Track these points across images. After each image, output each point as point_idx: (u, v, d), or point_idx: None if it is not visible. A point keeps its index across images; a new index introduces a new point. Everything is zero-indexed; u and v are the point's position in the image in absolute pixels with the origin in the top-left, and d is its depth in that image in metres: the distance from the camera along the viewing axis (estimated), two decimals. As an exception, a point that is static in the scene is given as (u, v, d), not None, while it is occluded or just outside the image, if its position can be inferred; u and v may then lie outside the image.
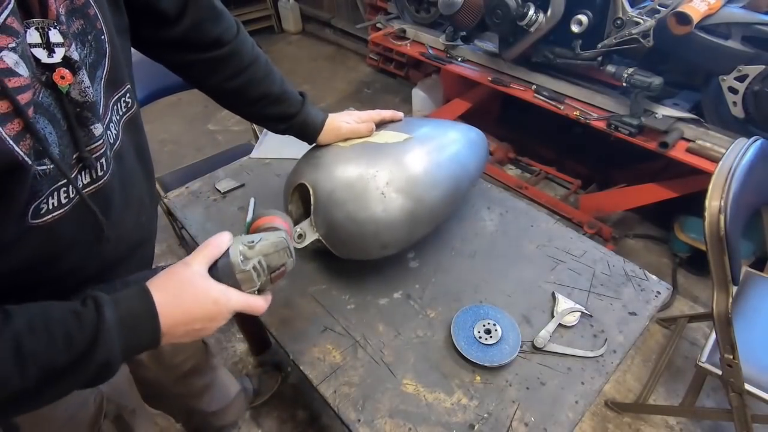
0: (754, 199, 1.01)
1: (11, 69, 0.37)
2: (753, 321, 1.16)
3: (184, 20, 0.63)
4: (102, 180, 0.51)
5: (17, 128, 0.37)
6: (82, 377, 0.42)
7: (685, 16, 1.28)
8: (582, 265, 0.88)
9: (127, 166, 0.56)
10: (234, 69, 0.71)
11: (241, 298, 0.54)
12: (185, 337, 0.50)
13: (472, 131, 0.94)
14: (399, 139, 0.81)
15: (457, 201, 0.88)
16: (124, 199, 0.56)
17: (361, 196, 0.73)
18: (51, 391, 0.42)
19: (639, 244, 1.99)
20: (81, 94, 0.45)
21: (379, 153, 0.79)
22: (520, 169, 2.40)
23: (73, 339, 0.41)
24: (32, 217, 0.44)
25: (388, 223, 0.74)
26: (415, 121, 0.91)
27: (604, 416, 1.42)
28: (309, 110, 0.81)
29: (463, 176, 0.85)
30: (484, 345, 0.72)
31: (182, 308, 0.49)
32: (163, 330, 0.47)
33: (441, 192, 0.79)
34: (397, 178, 0.75)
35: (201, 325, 0.51)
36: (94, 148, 0.48)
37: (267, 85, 0.76)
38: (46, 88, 0.41)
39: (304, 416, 1.46)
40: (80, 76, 0.44)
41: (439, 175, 0.79)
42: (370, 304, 0.82)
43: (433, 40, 2.16)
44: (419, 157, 0.79)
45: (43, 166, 0.41)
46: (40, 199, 0.43)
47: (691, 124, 1.50)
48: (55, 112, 0.43)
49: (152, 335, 0.47)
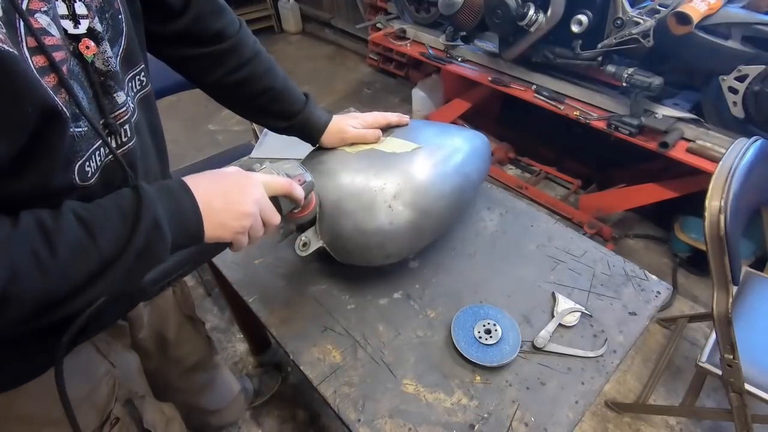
0: (754, 199, 1.01)
1: (45, 29, 0.40)
2: (753, 321, 1.16)
3: (188, 13, 0.64)
4: (127, 145, 0.54)
5: (53, 82, 0.40)
6: (139, 243, 0.44)
7: (685, 16, 1.28)
8: (582, 265, 0.88)
9: (143, 139, 0.58)
10: (235, 63, 0.71)
11: (265, 174, 0.59)
12: (226, 213, 0.51)
13: (477, 138, 0.93)
14: (407, 149, 0.80)
15: (461, 210, 0.88)
16: (144, 169, 0.58)
17: (368, 207, 0.73)
18: (121, 265, 0.43)
19: (639, 244, 1.99)
20: (104, 63, 0.48)
21: (387, 164, 0.77)
22: (520, 169, 2.40)
23: (121, 206, 0.44)
24: (79, 179, 0.46)
25: (394, 235, 0.74)
26: (422, 127, 0.90)
27: (604, 416, 1.42)
28: (312, 110, 0.80)
29: (467, 186, 0.85)
30: (484, 345, 0.72)
31: (210, 179, 0.53)
32: (197, 197, 0.50)
33: (446, 203, 0.79)
34: (405, 190, 0.74)
35: (236, 196, 0.53)
36: (118, 114, 0.51)
37: (269, 80, 0.75)
38: (72, 57, 0.44)
39: (304, 416, 1.46)
40: (103, 46, 0.47)
41: (445, 187, 0.79)
42: (370, 304, 0.82)
43: (433, 40, 2.16)
44: (427, 170, 0.78)
45: (80, 128, 0.44)
46: (83, 159, 0.46)
47: (691, 124, 1.50)
48: (83, 79, 0.45)
49: (190, 201, 0.49)
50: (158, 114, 0.65)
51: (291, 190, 0.61)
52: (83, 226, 0.42)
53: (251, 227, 0.55)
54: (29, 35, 0.38)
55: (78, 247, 0.41)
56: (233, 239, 0.54)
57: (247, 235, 0.55)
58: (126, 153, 0.54)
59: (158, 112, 0.65)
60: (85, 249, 0.41)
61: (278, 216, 0.59)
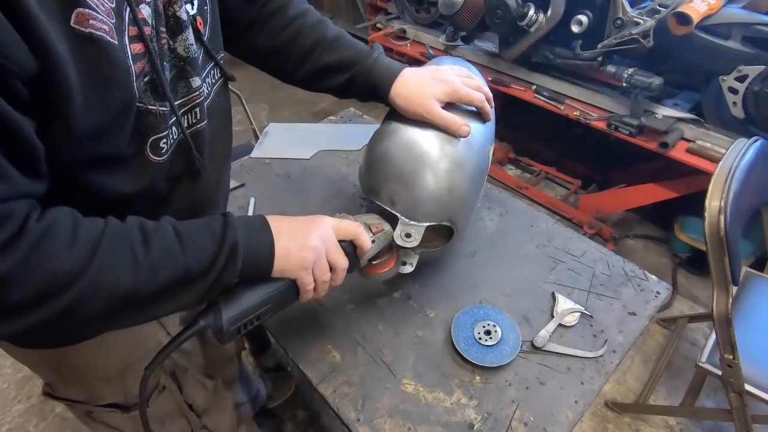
0: (754, 199, 1.01)
1: (146, 19, 0.44)
2: (753, 321, 1.16)
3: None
4: (196, 126, 0.56)
5: (143, 68, 0.45)
6: (220, 262, 0.47)
7: (685, 16, 1.28)
8: (582, 265, 0.88)
9: (213, 123, 0.60)
10: (285, 19, 0.70)
11: (337, 219, 0.60)
12: (292, 242, 0.53)
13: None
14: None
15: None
16: (210, 151, 0.60)
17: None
18: (200, 281, 0.47)
19: (639, 244, 1.99)
20: (185, 50, 0.51)
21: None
22: (520, 169, 2.40)
23: (211, 225, 0.49)
24: (153, 154, 0.50)
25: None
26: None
27: (604, 416, 1.42)
28: (379, 58, 0.68)
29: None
30: (483, 346, 0.72)
31: (285, 218, 0.56)
32: (273, 230, 0.52)
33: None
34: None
35: (302, 230, 0.55)
36: (191, 97, 0.54)
37: (321, 30, 0.70)
38: (161, 45, 0.48)
39: (304, 416, 1.46)
40: (186, 33, 0.50)
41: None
42: (370, 304, 0.82)
43: (433, 40, 2.16)
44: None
45: (159, 107, 0.48)
46: (158, 135, 0.50)
47: (691, 124, 1.50)
48: (167, 64, 0.49)
49: (266, 234, 0.52)
50: (230, 99, 0.67)
51: (357, 235, 0.59)
52: (177, 235, 0.46)
53: (316, 264, 0.55)
54: (132, 25, 0.42)
55: (169, 252, 0.45)
56: (297, 275, 0.54)
57: (311, 275, 0.55)
58: (195, 134, 0.56)
59: (230, 98, 0.67)
60: (175, 255, 0.45)
61: (345, 260, 0.58)
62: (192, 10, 0.52)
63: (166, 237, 0.46)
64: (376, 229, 0.63)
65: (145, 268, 0.43)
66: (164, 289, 0.45)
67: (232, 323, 0.52)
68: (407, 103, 0.65)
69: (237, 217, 0.51)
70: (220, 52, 0.61)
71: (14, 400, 1.53)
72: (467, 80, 0.69)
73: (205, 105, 0.57)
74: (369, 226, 0.63)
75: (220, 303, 0.52)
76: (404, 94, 0.66)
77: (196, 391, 0.85)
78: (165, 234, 0.46)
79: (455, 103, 0.68)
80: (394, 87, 0.66)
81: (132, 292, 0.42)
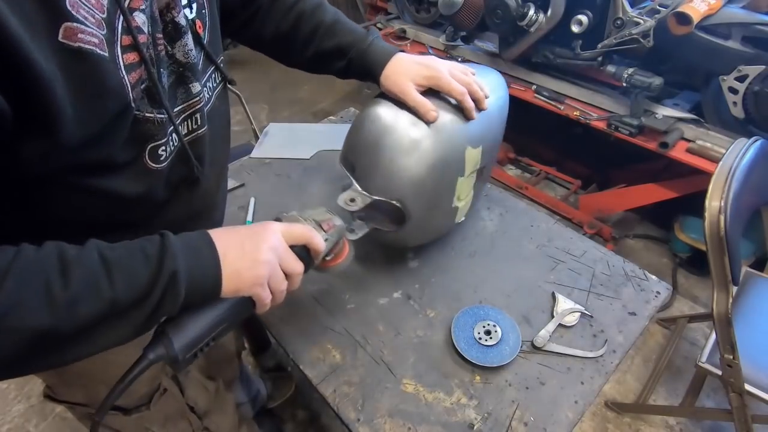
0: (754, 199, 1.01)
1: (140, 27, 0.43)
2: (753, 321, 1.16)
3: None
4: (196, 132, 0.56)
5: (138, 77, 0.44)
6: (157, 293, 0.43)
7: (685, 16, 1.28)
8: (582, 265, 0.88)
9: (214, 127, 0.60)
10: (284, 9, 0.72)
11: (285, 224, 0.55)
12: (241, 261, 0.49)
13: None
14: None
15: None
16: (211, 156, 0.60)
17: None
18: (134, 314, 0.42)
19: (639, 244, 1.99)
20: (184, 56, 0.50)
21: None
22: (520, 169, 2.40)
23: (146, 250, 0.44)
24: (152, 161, 0.50)
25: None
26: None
27: (604, 416, 1.42)
28: (375, 41, 0.72)
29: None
30: (484, 346, 0.72)
31: (230, 231, 0.51)
32: (218, 249, 0.48)
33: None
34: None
35: (250, 244, 0.50)
36: (191, 103, 0.54)
37: (319, 15, 0.72)
38: (158, 52, 0.47)
39: (304, 416, 1.46)
40: (185, 39, 0.49)
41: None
42: (370, 304, 0.82)
43: (433, 40, 2.16)
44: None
45: (157, 115, 0.47)
46: (157, 143, 0.49)
47: (691, 124, 1.50)
48: (164, 71, 0.48)
49: (211, 255, 0.47)
50: (229, 102, 0.67)
51: (309, 239, 0.56)
52: (104, 263, 0.41)
53: (270, 278, 0.51)
54: (126, 34, 0.41)
55: (92, 283, 0.39)
56: (252, 292, 0.51)
57: (267, 288, 0.52)
58: (194, 140, 0.56)
59: (229, 101, 0.67)
60: (99, 287, 0.40)
61: (300, 265, 0.55)
62: (191, 15, 0.51)
63: (89, 265, 0.40)
64: (328, 227, 0.60)
65: (62, 304, 0.37)
66: (88, 326, 0.39)
67: (186, 350, 0.48)
68: (389, 83, 0.69)
69: (177, 237, 0.46)
70: (219, 55, 0.60)
71: (14, 400, 1.53)
72: (458, 74, 0.70)
73: (206, 110, 0.56)
74: (320, 223, 0.60)
75: (168, 331, 0.47)
76: (389, 74, 0.70)
77: (198, 392, 0.85)
78: (88, 262, 0.40)
79: (441, 94, 0.70)
80: (386, 69, 0.70)
81: (49, 331, 0.37)
